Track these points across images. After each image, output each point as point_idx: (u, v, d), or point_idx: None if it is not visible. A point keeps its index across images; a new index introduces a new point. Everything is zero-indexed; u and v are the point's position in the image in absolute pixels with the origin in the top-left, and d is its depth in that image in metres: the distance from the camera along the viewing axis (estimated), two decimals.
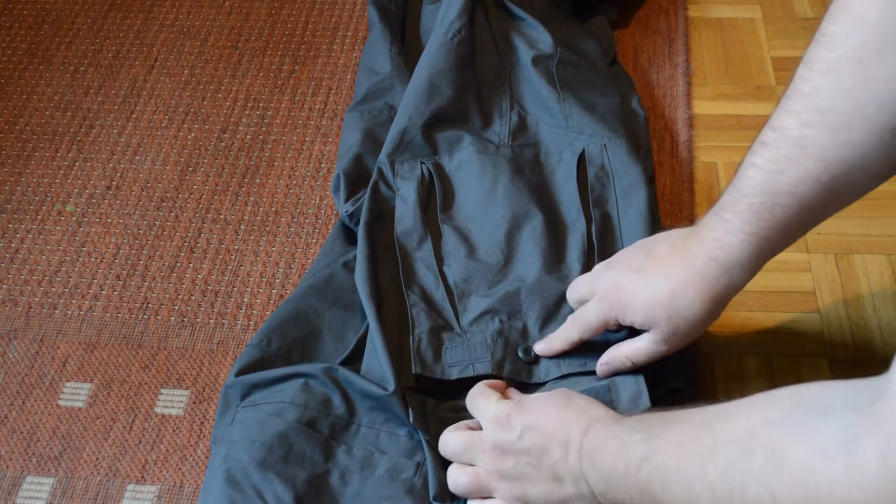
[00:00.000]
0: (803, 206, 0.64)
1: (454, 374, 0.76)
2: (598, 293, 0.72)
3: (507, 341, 0.77)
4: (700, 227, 0.69)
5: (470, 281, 0.81)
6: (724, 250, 0.67)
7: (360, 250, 0.82)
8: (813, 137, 0.62)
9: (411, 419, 0.72)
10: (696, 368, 0.80)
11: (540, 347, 0.76)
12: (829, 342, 0.81)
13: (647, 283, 0.69)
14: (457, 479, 0.68)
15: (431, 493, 0.69)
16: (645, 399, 0.72)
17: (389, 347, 0.75)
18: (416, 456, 0.72)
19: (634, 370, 0.73)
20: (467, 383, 0.75)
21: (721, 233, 0.67)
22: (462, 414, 0.73)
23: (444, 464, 0.71)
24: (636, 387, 0.72)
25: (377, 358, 0.75)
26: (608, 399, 0.72)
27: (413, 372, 0.75)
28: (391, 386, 0.73)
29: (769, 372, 0.80)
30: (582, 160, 0.89)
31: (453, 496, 0.70)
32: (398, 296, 0.81)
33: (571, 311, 0.77)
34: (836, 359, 0.80)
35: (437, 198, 0.87)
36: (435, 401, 0.76)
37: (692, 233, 0.69)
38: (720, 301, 0.68)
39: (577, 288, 0.76)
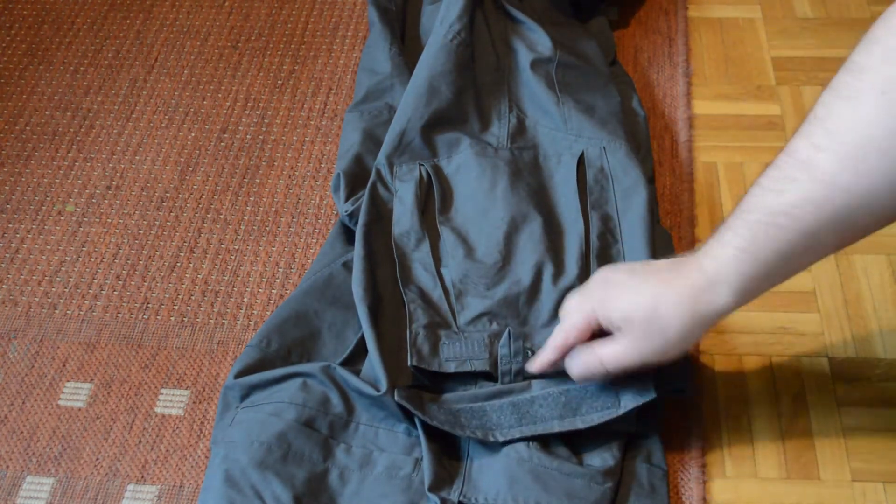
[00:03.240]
0: (801, 231, 0.62)
1: (451, 367, 0.76)
2: (585, 288, 0.72)
3: (504, 343, 0.77)
4: (699, 246, 0.68)
5: (467, 281, 0.81)
6: (713, 262, 0.65)
7: (357, 252, 0.82)
8: (820, 161, 0.60)
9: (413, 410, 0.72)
10: (695, 368, 0.80)
11: (529, 366, 0.75)
12: (829, 342, 0.81)
13: (635, 282, 0.68)
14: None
15: (427, 484, 0.69)
16: (651, 392, 0.72)
17: (384, 348, 0.76)
18: (415, 452, 0.72)
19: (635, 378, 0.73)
20: (462, 383, 0.76)
21: (714, 247, 0.65)
22: (459, 409, 0.74)
23: (439, 455, 0.71)
24: (642, 384, 0.73)
25: (369, 359, 0.76)
26: (612, 393, 0.72)
27: (409, 364, 0.75)
28: (383, 386, 0.73)
29: (769, 372, 0.80)
30: (581, 163, 0.89)
31: (449, 489, 0.69)
32: (396, 297, 0.81)
33: None
34: (836, 359, 0.80)
35: (435, 200, 0.87)
36: (430, 395, 0.76)
37: (691, 252, 0.68)
38: (701, 319, 0.66)
39: (569, 300, 0.74)
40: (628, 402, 0.72)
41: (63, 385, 0.82)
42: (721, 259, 0.65)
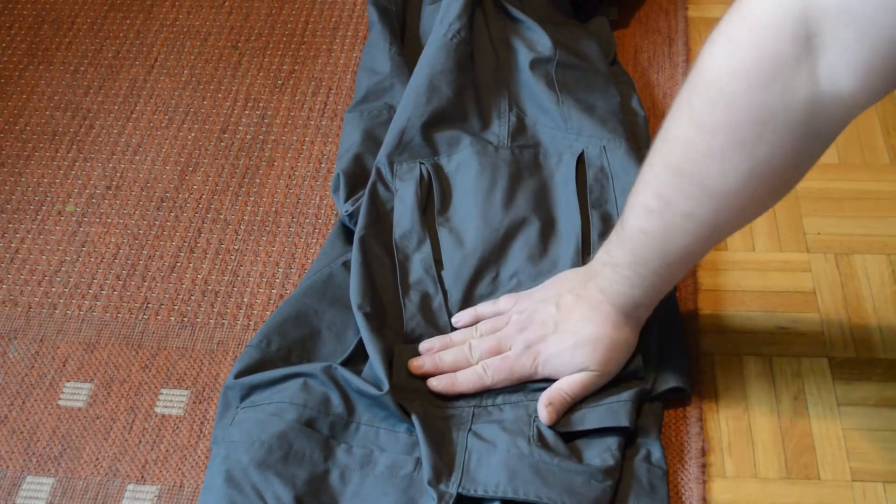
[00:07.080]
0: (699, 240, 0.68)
1: None
2: (520, 349, 0.75)
3: None
4: (597, 276, 0.74)
5: (465, 282, 0.81)
6: (625, 297, 0.72)
7: (354, 259, 0.82)
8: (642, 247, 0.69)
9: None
10: (695, 368, 0.80)
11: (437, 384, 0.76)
12: (829, 342, 0.81)
13: (570, 337, 0.74)
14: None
15: (426, 478, 0.69)
16: (638, 361, 0.76)
17: (383, 350, 0.76)
18: (415, 452, 0.72)
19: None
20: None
21: (621, 287, 0.72)
22: (450, 419, 0.74)
23: (438, 449, 0.71)
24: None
25: (370, 361, 0.76)
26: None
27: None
28: (385, 386, 0.73)
29: (769, 372, 0.80)
30: (581, 162, 0.90)
31: (447, 481, 0.69)
32: (396, 298, 0.81)
33: None
34: (836, 359, 0.80)
35: (435, 199, 0.87)
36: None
37: (589, 277, 0.74)
38: (637, 329, 0.75)
39: (483, 311, 0.80)
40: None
41: (63, 385, 0.82)
42: (634, 296, 0.72)
